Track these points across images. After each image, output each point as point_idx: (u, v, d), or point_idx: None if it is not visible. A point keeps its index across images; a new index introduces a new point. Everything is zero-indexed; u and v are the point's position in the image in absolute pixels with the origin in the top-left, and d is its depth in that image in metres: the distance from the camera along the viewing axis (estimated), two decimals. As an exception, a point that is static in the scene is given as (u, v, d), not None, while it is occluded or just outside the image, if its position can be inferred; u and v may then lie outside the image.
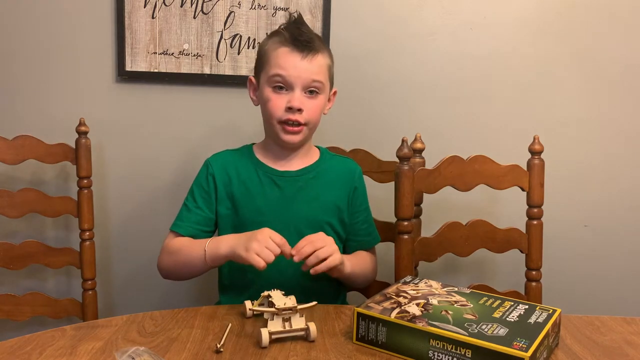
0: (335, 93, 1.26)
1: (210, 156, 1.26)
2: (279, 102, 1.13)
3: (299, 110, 1.13)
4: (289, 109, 1.13)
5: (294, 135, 1.16)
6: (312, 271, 1.04)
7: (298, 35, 1.13)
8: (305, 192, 1.21)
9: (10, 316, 1.41)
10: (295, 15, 1.22)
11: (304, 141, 1.21)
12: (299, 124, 1.14)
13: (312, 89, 1.15)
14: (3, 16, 1.53)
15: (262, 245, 1.00)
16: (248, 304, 1.01)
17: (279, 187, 1.20)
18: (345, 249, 1.27)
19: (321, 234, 1.07)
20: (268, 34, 1.26)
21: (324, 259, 1.03)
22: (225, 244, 1.07)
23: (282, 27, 1.19)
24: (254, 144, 1.28)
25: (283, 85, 1.13)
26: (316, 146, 1.30)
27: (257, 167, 1.22)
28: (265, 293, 0.97)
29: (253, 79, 1.22)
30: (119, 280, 1.65)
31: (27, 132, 1.41)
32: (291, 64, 1.12)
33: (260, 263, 0.98)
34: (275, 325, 0.90)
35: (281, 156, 1.22)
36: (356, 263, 1.19)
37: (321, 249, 1.03)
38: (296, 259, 1.02)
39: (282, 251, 1.02)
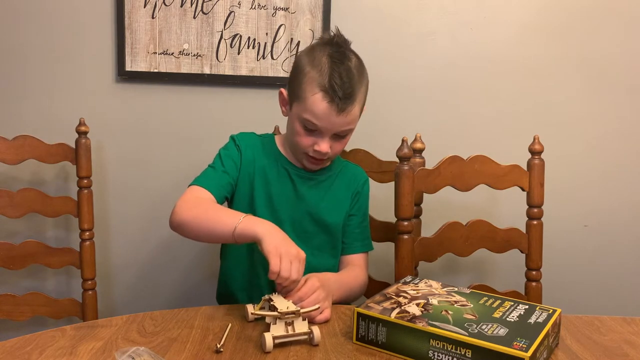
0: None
1: (236, 133, 1.26)
2: (307, 141, 1.15)
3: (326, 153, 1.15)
4: (316, 151, 1.15)
5: (317, 165, 1.20)
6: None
7: (339, 88, 1.08)
8: (315, 192, 1.23)
9: (10, 316, 1.41)
10: (340, 40, 1.14)
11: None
12: (323, 159, 1.18)
13: (342, 134, 1.16)
14: (3, 16, 1.53)
15: (289, 259, 0.96)
16: (250, 307, 1.00)
17: (293, 182, 1.22)
18: None
19: (320, 289, 1.01)
20: (310, 47, 1.18)
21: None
22: (264, 225, 1.02)
23: (325, 57, 1.11)
24: (274, 134, 1.31)
25: (314, 130, 1.14)
26: None
27: (278, 158, 1.24)
28: (267, 296, 0.96)
29: (285, 92, 1.21)
30: (119, 280, 1.65)
31: (27, 132, 1.41)
32: (326, 117, 1.11)
33: (276, 267, 0.94)
34: (278, 329, 0.89)
35: None
36: (342, 293, 1.16)
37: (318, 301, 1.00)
38: (285, 291, 0.99)
39: (290, 282, 0.97)
